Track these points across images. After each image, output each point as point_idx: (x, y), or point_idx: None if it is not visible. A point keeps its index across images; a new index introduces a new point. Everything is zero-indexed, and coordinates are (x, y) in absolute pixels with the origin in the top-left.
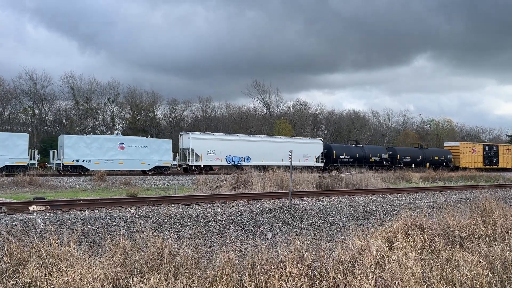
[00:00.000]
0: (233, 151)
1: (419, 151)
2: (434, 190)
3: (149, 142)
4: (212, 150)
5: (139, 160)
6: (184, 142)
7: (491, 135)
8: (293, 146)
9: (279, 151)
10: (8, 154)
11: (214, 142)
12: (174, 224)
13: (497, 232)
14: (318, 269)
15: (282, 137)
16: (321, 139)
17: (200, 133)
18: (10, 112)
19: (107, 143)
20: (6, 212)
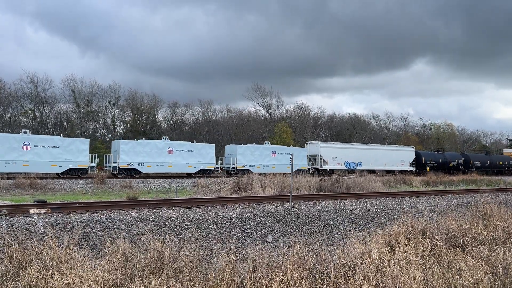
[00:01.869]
0: (350, 157)
1: (486, 157)
2: (435, 194)
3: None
4: (335, 156)
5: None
6: (311, 149)
7: (492, 139)
8: (393, 153)
9: (383, 157)
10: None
11: (336, 149)
12: (175, 227)
13: (498, 236)
14: (319, 273)
15: (385, 146)
16: (413, 147)
17: (326, 142)
18: (11, 114)
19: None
20: (6, 214)
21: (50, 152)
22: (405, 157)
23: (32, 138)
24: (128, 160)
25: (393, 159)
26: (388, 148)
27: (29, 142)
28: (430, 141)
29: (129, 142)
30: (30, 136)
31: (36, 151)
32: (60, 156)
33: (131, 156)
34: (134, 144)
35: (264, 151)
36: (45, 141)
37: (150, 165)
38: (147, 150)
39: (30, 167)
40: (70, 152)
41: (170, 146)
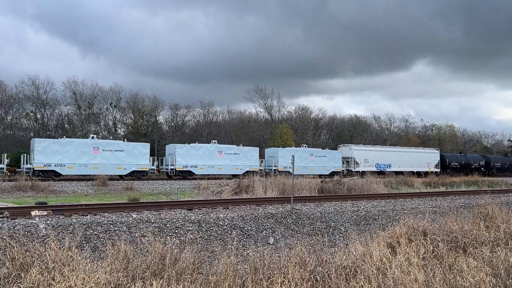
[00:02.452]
0: (380, 159)
1: (506, 159)
2: (437, 195)
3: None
4: (367, 158)
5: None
6: (344, 152)
7: (493, 140)
8: (420, 155)
9: (411, 159)
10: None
11: (368, 152)
12: (176, 229)
13: (500, 237)
14: (320, 275)
15: (412, 148)
16: (438, 149)
17: (358, 145)
18: (13, 117)
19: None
20: (8, 217)
21: (116, 155)
22: (431, 159)
23: (101, 143)
24: (183, 162)
25: (420, 161)
26: (415, 151)
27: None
28: (431, 142)
29: (185, 146)
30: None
31: (104, 154)
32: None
33: (185, 159)
34: (189, 148)
35: (302, 154)
36: (112, 146)
37: (203, 167)
38: (200, 153)
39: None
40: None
41: (220, 150)
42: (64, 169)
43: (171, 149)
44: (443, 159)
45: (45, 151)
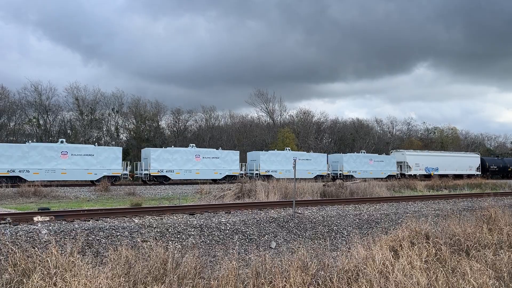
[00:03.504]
0: (429, 163)
1: None
2: (440, 198)
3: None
4: (418, 163)
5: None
6: (398, 157)
7: (496, 143)
8: (463, 159)
9: (455, 163)
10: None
11: (419, 157)
12: (178, 234)
13: (503, 240)
14: (322, 279)
15: (456, 153)
16: (478, 153)
17: (409, 150)
18: (15, 123)
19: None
20: (10, 222)
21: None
22: (472, 163)
23: (69, 147)
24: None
25: (463, 164)
26: (459, 155)
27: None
28: (434, 145)
29: (158, 150)
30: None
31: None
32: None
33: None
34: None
35: (363, 159)
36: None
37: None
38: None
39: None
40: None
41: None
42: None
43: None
44: (483, 163)
45: None
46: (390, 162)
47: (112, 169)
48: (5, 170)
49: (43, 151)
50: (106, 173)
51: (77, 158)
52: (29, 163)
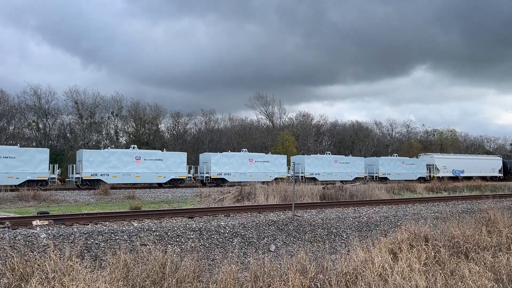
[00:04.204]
0: (456, 166)
1: None
2: (439, 201)
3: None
4: (446, 165)
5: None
6: (427, 160)
7: (496, 145)
8: (487, 162)
9: (479, 165)
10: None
11: (446, 160)
12: (177, 237)
13: (502, 242)
14: (321, 282)
15: (480, 156)
16: (500, 156)
17: (437, 154)
18: (15, 127)
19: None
20: (9, 227)
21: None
22: (495, 165)
23: (254, 156)
24: (91, 171)
25: (486, 167)
26: (482, 158)
27: (252, 158)
28: (433, 147)
29: (94, 152)
30: (251, 154)
31: (257, 165)
32: (18, 167)
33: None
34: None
35: (397, 162)
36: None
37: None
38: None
39: (253, 177)
40: (28, 163)
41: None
42: None
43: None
44: (505, 165)
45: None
46: (420, 165)
47: (179, 172)
48: (89, 174)
49: (121, 156)
50: (173, 176)
51: (148, 162)
52: (109, 167)
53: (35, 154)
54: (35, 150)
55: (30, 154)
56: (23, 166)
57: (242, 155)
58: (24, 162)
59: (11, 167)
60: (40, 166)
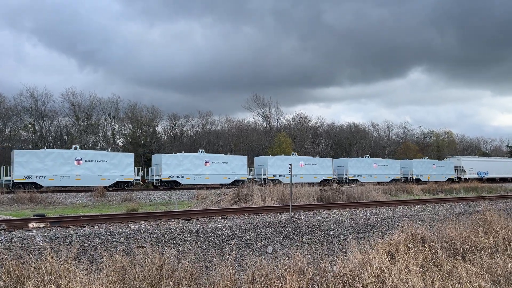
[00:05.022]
0: (481, 167)
1: None
2: (436, 202)
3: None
4: (472, 167)
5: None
6: (455, 162)
7: (492, 146)
8: (509, 164)
9: (503, 167)
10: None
11: (472, 162)
12: (174, 239)
13: (499, 243)
14: (318, 283)
15: (503, 158)
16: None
17: (463, 156)
18: (11, 129)
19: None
20: (5, 229)
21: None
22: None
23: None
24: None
25: (509, 169)
26: (505, 160)
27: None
28: (430, 149)
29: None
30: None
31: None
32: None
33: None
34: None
35: (428, 164)
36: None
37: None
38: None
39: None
40: (323, 168)
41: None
42: None
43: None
44: None
45: None
46: (449, 167)
47: (241, 174)
48: (167, 176)
49: (193, 160)
50: (236, 178)
51: (216, 165)
52: (183, 170)
53: (123, 158)
54: (123, 154)
55: (119, 158)
56: (113, 169)
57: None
58: (114, 165)
59: (103, 169)
60: (127, 169)
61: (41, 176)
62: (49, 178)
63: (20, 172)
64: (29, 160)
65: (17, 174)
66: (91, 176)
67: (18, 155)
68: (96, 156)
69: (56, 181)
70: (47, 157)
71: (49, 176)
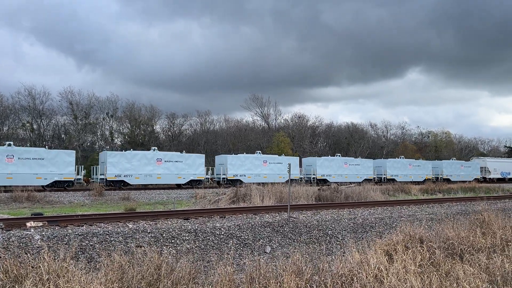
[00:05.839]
0: (504, 168)
1: None
2: (433, 202)
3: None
4: (496, 168)
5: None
6: (480, 163)
7: (490, 147)
8: None
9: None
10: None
11: (496, 163)
12: (172, 239)
13: (496, 244)
14: (316, 283)
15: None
16: None
17: (490, 157)
18: (9, 127)
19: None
20: (3, 228)
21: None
22: None
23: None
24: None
25: None
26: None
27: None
28: (428, 149)
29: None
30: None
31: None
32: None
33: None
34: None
35: (457, 165)
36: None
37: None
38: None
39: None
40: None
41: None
42: None
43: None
44: None
45: None
46: (475, 168)
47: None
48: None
49: (253, 161)
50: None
51: (272, 165)
52: (245, 170)
53: (196, 159)
54: (196, 155)
55: (193, 159)
56: (188, 168)
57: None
58: (189, 165)
59: (180, 169)
60: (199, 169)
61: (128, 175)
62: (135, 177)
63: (112, 171)
64: (119, 161)
65: (110, 173)
66: (169, 175)
67: (110, 156)
68: (174, 157)
69: (141, 179)
70: (134, 158)
71: (136, 175)
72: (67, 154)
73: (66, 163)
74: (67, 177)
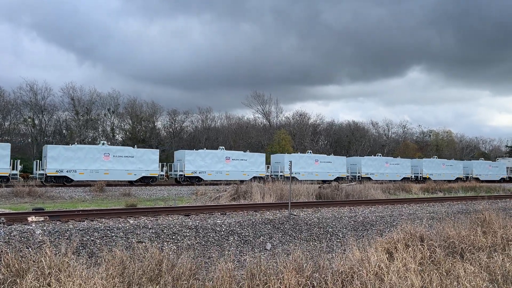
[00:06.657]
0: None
1: None
2: (434, 201)
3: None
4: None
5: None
6: (507, 163)
7: (491, 146)
8: None
9: None
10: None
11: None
12: (173, 235)
13: (497, 243)
14: (317, 280)
15: None
16: None
17: (506, 158)
18: (11, 122)
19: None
20: (4, 222)
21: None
22: None
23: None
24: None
25: None
26: None
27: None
28: (429, 148)
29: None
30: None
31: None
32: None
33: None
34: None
35: (485, 165)
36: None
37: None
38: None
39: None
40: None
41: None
42: None
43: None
44: None
45: None
46: (502, 168)
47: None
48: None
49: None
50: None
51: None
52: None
53: (258, 158)
54: (258, 155)
55: (255, 157)
56: (251, 166)
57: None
58: (252, 163)
59: (245, 167)
60: (260, 167)
61: (203, 172)
62: (208, 173)
63: (189, 168)
64: (195, 159)
65: (187, 169)
66: (236, 172)
67: (188, 154)
68: (240, 156)
69: (213, 175)
70: (207, 156)
71: (208, 171)
72: (152, 152)
73: (151, 161)
74: (152, 173)
